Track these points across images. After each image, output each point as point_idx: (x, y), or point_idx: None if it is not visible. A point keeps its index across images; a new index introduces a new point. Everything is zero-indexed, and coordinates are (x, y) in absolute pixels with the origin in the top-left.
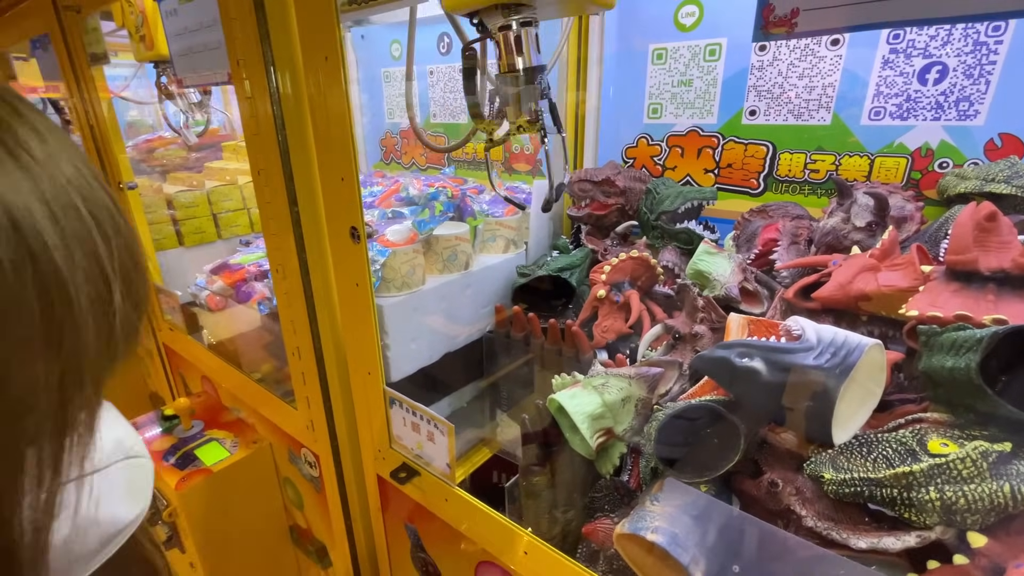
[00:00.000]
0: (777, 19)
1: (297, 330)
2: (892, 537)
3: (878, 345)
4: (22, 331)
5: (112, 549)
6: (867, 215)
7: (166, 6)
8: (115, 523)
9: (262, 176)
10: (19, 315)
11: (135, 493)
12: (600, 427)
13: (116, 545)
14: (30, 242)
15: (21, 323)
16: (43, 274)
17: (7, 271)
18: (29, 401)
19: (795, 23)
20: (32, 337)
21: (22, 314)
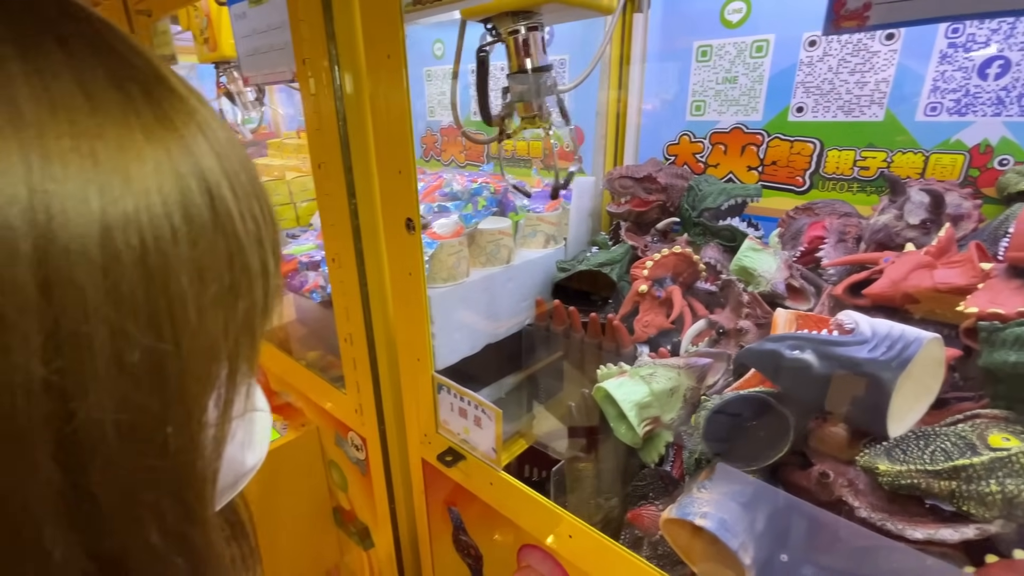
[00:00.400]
0: (848, 13)
1: (350, 317)
2: (950, 529)
3: (937, 339)
4: (217, 287)
5: (236, 492)
6: (921, 212)
7: (235, 9)
8: (243, 466)
9: (322, 169)
10: (215, 272)
11: (257, 442)
12: (647, 416)
13: (239, 488)
14: (218, 208)
15: (218, 280)
16: (228, 238)
17: (207, 233)
18: (219, 346)
19: (867, 16)
20: (223, 294)
21: (218, 271)
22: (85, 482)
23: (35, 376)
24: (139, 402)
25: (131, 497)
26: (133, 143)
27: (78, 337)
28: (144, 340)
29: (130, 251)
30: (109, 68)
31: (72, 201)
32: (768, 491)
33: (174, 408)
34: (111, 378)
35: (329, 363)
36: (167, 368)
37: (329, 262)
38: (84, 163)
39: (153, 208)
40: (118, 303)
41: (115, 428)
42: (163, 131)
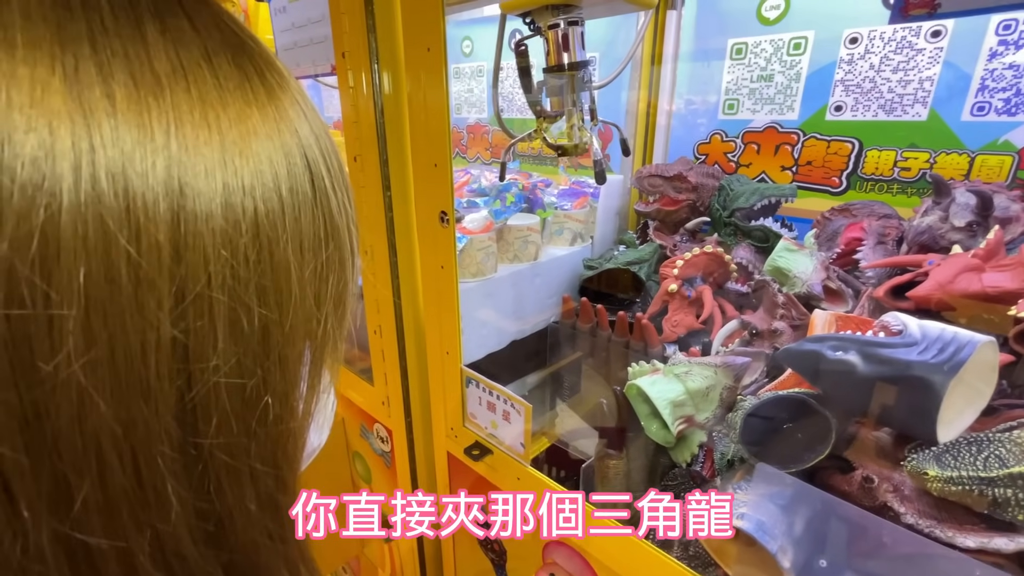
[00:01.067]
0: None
1: (381, 309)
2: (1004, 538)
3: (992, 342)
4: (315, 261)
5: (302, 470)
6: (968, 214)
7: (275, 4)
8: (311, 445)
9: (358, 162)
10: (314, 246)
11: (325, 423)
12: (681, 414)
13: (305, 466)
14: (317, 185)
15: (315, 254)
16: (324, 214)
17: (308, 207)
18: (313, 319)
19: (938, 3)
20: (320, 268)
21: (316, 245)
22: (199, 443)
23: (164, 335)
24: (248, 367)
25: (235, 461)
26: (249, 118)
27: (201, 300)
28: (255, 307)
29: (246, 220)
30: (229, 46)
31: (201, 169)
32: (807, 493)
33: (275, 376)
34: (227, 342)
35: (355, 356)
36: (272, 336)
37: (362, 254)
38: (211, 134)
39: (265, 181)
40: (235, 270)
41: (227, 392)
42: (273, 109)
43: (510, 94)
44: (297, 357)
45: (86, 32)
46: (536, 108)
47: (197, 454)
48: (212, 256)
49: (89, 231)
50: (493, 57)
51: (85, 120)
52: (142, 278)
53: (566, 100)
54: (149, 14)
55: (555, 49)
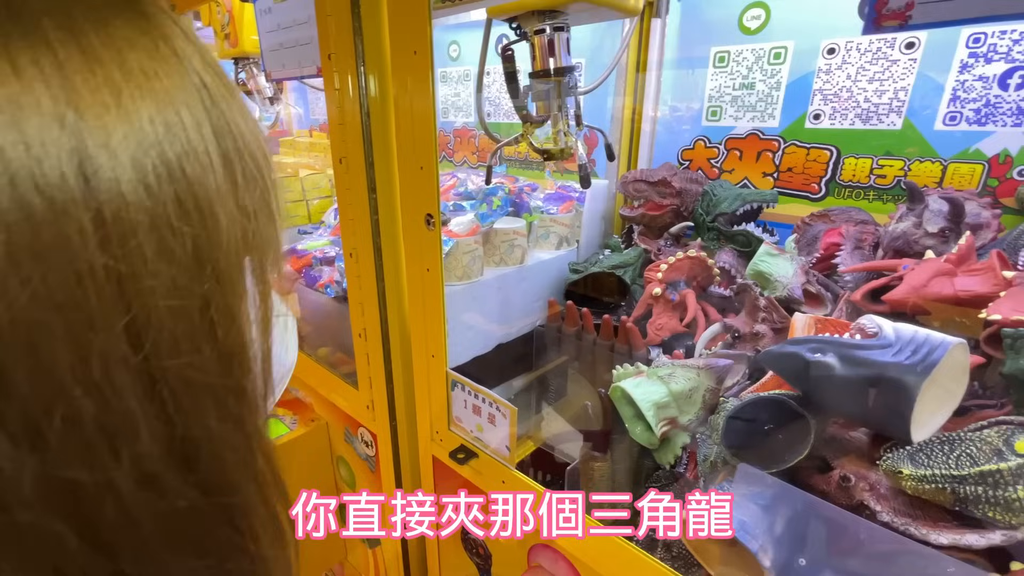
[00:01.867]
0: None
1: (366, 312)
2: (975, 534)
3: (963, 344)
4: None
5: (282, 388)
6: (940, 220)
7: (260, 5)
8: (284, 365)
9: (343, 164)
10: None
11: (291, 343)
12: (665, 416)
13: (285, 384)
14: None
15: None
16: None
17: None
18: (242, 227)
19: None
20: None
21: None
22: (155, 366)
23: (95, 263)
24: (184, 285)
25: (192, 379)
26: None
27: (122, 223)
28: (178, 225)
29: (147, 142)
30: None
31: (97, 102)
32: (788, 493)
33: (214, 290)
34: (157, 262)
35: (339, 360)
36: (202, 251)
37: (346, 257)
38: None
39: (160, 101)
40: (149, 189)
41: (169, 313)
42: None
43: (496, 98)
44: (235, 268)
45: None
46: (522, 112)
47: (155, 376)
48: (122, 179)
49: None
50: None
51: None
52: (58, 209)
53: (552, 105)
54: None
55: (541, 54)
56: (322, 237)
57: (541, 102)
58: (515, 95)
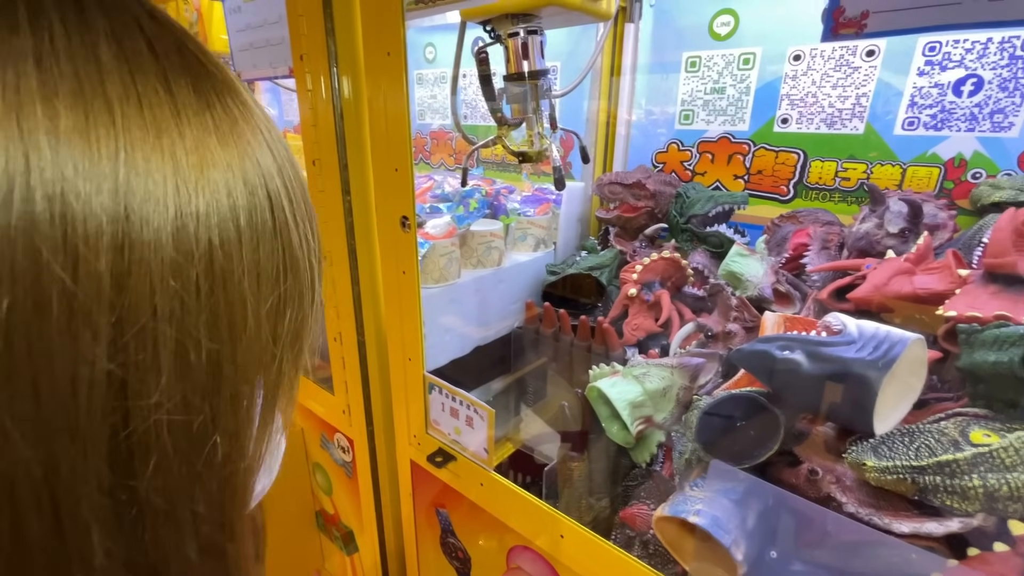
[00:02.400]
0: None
1: (340, 315)
2: (935, 523)
3: (920, 340)
4: (272, 295)
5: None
6: (900, 221)
7: (230, 4)
8: (259, 488)
9: (317, 166)
10: (271, 279)
11: (273, 465)
12: (640, 415)
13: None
14: (277, 216)
15: (274, 287)
16: (284, 247)
17: (267, 239)
18: (269, 355)
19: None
20: (277, 302)
21: (274, 278)
22: (133, 486)
23: (100, 369)
24: (195, 404)
25: (175, 506)
26: (208, 147)
27: (145, 333)
28: (204, 341)
29: (199, 250)
30: (189, 71)
31: (151, 196)
32: (759, 488)
33: (225, 415)
34: (171, 377)
35: (316, 364)
36: (223, 372)
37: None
38: (165, 161)
39: (222, 210)
40: (185, 302)
41: (170, 430)
42: (234, 138)
43: (473, 101)
44: (250, 394)
45: (31, 49)
46: (497, 115)
47: (130, 498)
48: (159, 287)
49: (18, 256)
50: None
51: (22, 139)
52: (76, 309)
53: (527, 108)
54: (105, 36)
55: (515, 57)
56: None
57: (516, 105)
58: (490, 98)
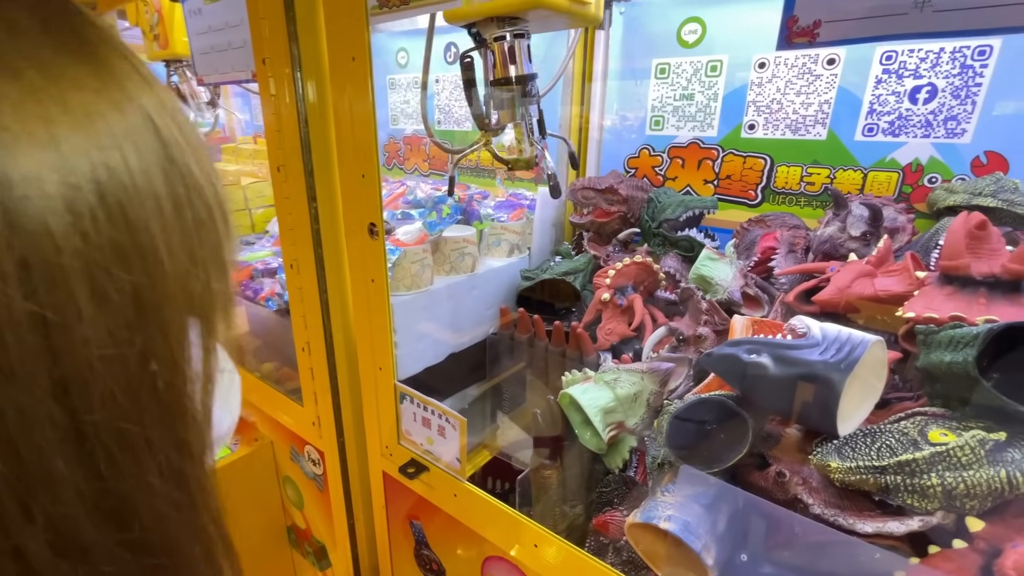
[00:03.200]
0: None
1: (309, 325)
2: (896, 522)
3: (880, 341)
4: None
5: (219, 449)
6: (862, 225)
7: (190, 5)
8: (222, 426)
9: (282, 172)
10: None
11: (232, 402)
12: (612, 421)
13: (218, 448)
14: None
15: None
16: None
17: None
18: (190, 277)
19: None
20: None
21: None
22: (86, 420)
23: (18, 309)
24: (123, 336)
25: (128, 435)
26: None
27: (52, 269)
28: (118, 272)
29: (86, 182)
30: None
31: (24, 132)
32: (729, 492)
33: (157, 343)
34: (92, 312)
35: (284, 375)
36: (145, 301)
37: (287, 268)
38: (40, 105)
39: (103, 140)
40: (85, 234)
41: (103, 363)
42: (109, 73)
43: (447, 106)
44: (179, 319)
45: None
46: (481, 121)
47: (85, 432)
48: (53, 221)
49: None
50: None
51: None
52: None
53: (515, 113)
54: None
55: (501, 62)
56: (264, 248)
57: (503, 111)
58: (474, 104)
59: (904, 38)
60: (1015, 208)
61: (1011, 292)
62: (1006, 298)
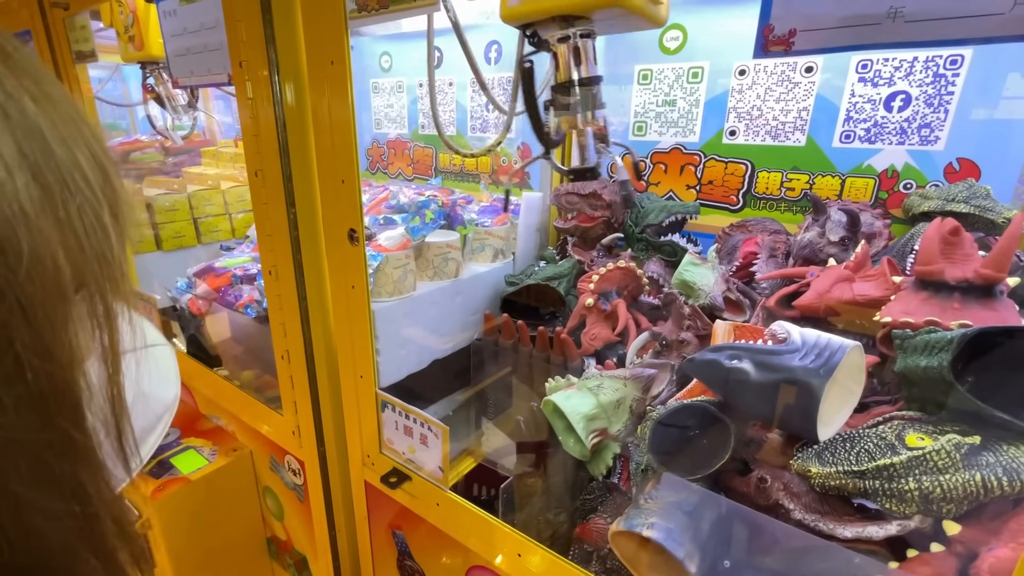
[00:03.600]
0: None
1: (288, 333)
2: (875, 526)
3: (858, 347)
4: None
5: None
6: (840, 230)
7: (165, 7)
8: (162, 401)
9: (260, 177)
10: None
11: (168, 377)
12: (595, 428)
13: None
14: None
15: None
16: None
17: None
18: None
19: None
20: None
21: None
22: None
23: None
24: None
25: (8, 418)
26: None
27: None
28: None
29: None
30: None
31: None
32: (711, 498)
33: (17, 322)
34: None
35: (265, 383)
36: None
37: (265, 275)
38: None
39: None
40: None
41: None
42: None
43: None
44: (49, 296)
45: None
46: (545, 137)
47: None
48: None
49: None
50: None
51: None
52: None
53: (581, 119)
54: None
55: (565, 64)
56: (244, 253)
57: (564, 117)
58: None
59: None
60: (987, 214)
61: (984, 297)
62: (979, 302)
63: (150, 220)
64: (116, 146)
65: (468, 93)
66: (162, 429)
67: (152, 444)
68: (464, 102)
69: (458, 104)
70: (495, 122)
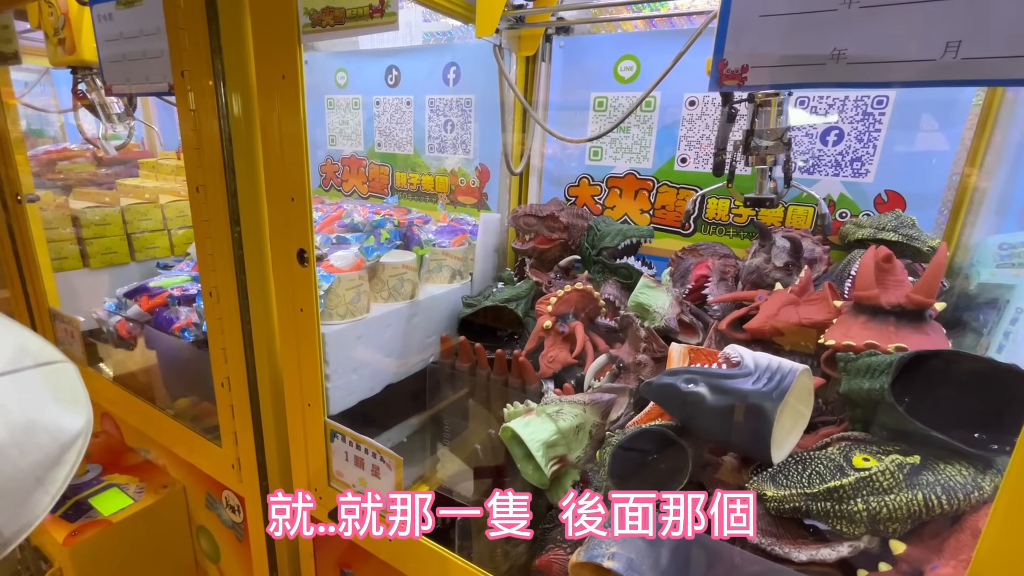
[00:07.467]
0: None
1: (229, 358)
2: (828, 548)
3: (807, 370)
4: None
5: (71, 460)
6: (784, 256)
7: (100, 10)
8: (60, 432)
9: (201, 193)
10: None
11: (70, 400)
12: (554, 455)
13: (72, 458)
14: None
15: None
16: None
17: None
18: None
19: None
20: None
21: None
22: None
23: None
24: None
25: None
26: None
27: None
28: None
29: None
30: None
31: None
32: None
33: None
34: None
35: (202, 412)
36: None
37: (206, 297)
38: None
39: None
40: None
41: None
42: None
43: (387, 128)
44: None
45: None
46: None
47: None
48: None
49: None
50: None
51: None
52: None
53: (774, 160)
54: None
55: (775, 115)
56: (182, 272)
57: (759, 155)
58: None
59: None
60: (913, 242)
61: (915, 320)
62: (911, 326)
63: (76, 235)
64: (41, 154)
65: (426, 113)
66: (72, 462)
67: (60, 480)
68: (422, 122)
69: (415, 123)
70: (453, 142)
